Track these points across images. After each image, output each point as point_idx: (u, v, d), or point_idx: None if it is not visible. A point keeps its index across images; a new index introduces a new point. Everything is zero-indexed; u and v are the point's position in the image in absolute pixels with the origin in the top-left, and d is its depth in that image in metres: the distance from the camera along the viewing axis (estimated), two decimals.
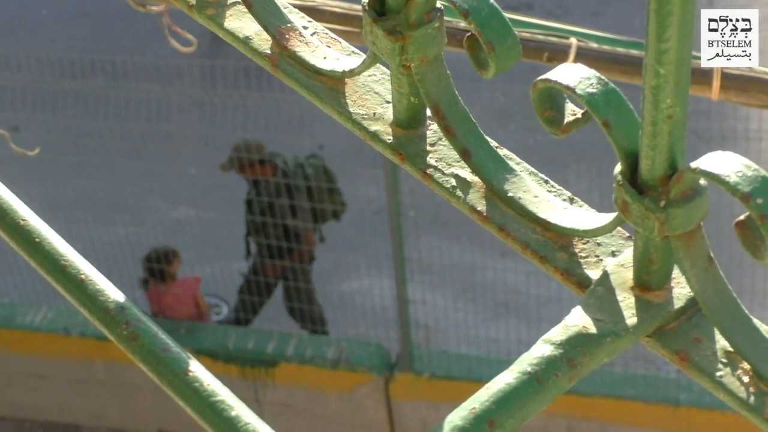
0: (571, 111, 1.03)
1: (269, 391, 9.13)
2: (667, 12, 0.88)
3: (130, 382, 8.80)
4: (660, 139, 0.94)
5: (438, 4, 1.07)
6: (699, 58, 3.72)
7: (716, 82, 3.40)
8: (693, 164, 0.94)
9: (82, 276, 1.10)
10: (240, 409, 0.98)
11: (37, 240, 1.13)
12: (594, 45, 3.57)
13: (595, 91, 0.98)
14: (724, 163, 0.92)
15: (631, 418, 8.37)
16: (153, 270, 9.17)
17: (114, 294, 1.10)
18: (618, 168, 0.98)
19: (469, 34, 1.04)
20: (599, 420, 8.50)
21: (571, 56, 3.46)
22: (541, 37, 3.60)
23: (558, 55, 3.51)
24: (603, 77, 0.99)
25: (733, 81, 3.44)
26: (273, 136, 9.37)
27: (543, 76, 1.00)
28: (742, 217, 0.93)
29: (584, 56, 3.47)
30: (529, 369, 0.98)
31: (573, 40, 3.52)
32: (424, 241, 8.79)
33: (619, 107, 0.98)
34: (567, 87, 0.98)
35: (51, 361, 8.92)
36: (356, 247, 9.88)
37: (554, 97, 1.03)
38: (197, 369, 1.03)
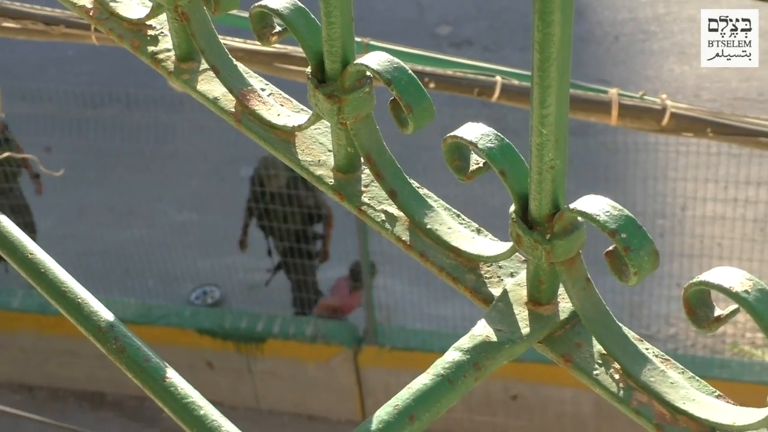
0: (475, 161, 1.04)
1: (259, 362, 9.11)
2: (546, 85, 0.89)
3: None
4: (545, 186, 0.95)
5: (367, 73, 1.07)
6: (602, 91, 3.71)
7: (614, 112, 3.39)
8: (571, 205, 0.95)
9: (79, 300, 1.10)
10: (207, 409, 0.99)
11: (42, 270, 1.13)
12: (516, 82, 3.56)
13: (493, 145, 0.99)
14: (596, 205, 0.93)
15: (558, 379, 8.38)
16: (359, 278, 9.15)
17: (105, 314, 1.10)
18: (512, 207, 0.99)
19: (392, 98, 1.04)
20: (530, 381, 8.51)
21: (497, 92, 3.45)
22: (471, 75, 3.59)
23: (486, 90, 3.50)
24: (499, 134, 1.01)
25: (628, 110, 3.42)
26: (262, 150, 9.34)
27: (451, 134, 1.01)
28: (610, 248, 0.94)
29: (507, 91, 3.46)
30: (442, 372, 0.99)
31: (498, 78, 3.51)
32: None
33: (512, 159, 0.99)
34: (470, 142, 0.99)
35: (80, 340, 8.83)
36: None
37: (461, 149, 1.04)
38: (173, 376, 1.03)
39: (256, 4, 1.12)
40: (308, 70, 1.11)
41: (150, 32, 1.33)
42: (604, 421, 8.55)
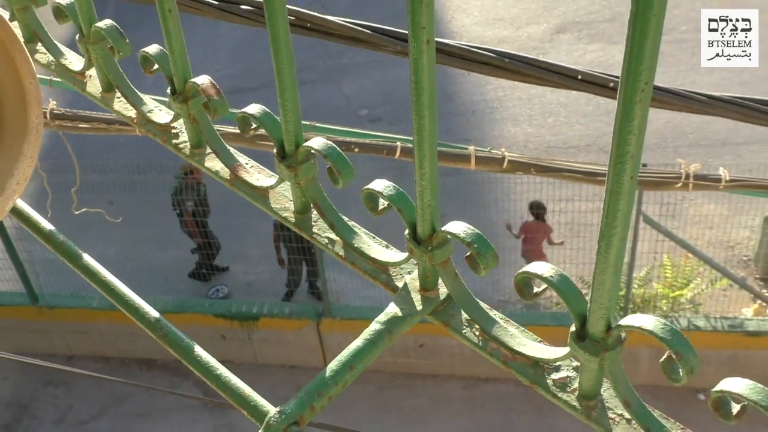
0: (382, 203, 1.03)
1: (256, 333, 9.02)
2: (422, 155, 0.90)
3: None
4: (425, 217, 0.96)
5: (312, 151, 1.07)
6: (464, 147, 3.74)
7: (473, 161, 3.42)
8: (443, 228, 0.95)
9: (137, 305, 1.10)
10: (222, 370, 0.99)
11: (112, 287, 1.12)
12: (410, 145, 3.58)
13: (393, 193, 0.99)
14: (458, 227, 0.94)
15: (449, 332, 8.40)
16: (537, 215, 8.84)
17: (153, 313, 1.10)
18: (406, 231, 0.99)
19: (328, 166, 1.04)
20: (432, 334, 8.53)
21: (398, 152, 3.46)
22: (382, 142, 3.61)
23: (392, 151, 3.50)
24: (397, 186, 1.00)
25: (482, 159, 3.43)
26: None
27: (366, 187, 1.01)
28: (468, 254, 0.94)
29: (405, 151, 3.47)
30: (368, 337, 0.99)
31: (398, 143, 3.52)
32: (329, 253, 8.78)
33: (405, 201, 0.99)
34: (379, 192, 0.99)
35: (138, 326, 8.76)
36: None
37: (373, 196, 1.03)
38: (199, 351, 1.03)
39: (240, 111, 1.12)
40: (274, 150, 1.11)
41: (173, 131, 1.32)
42: (478, 358, 8.60)
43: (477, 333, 0.99)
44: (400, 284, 1.07)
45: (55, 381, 9.51)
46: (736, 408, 0.78)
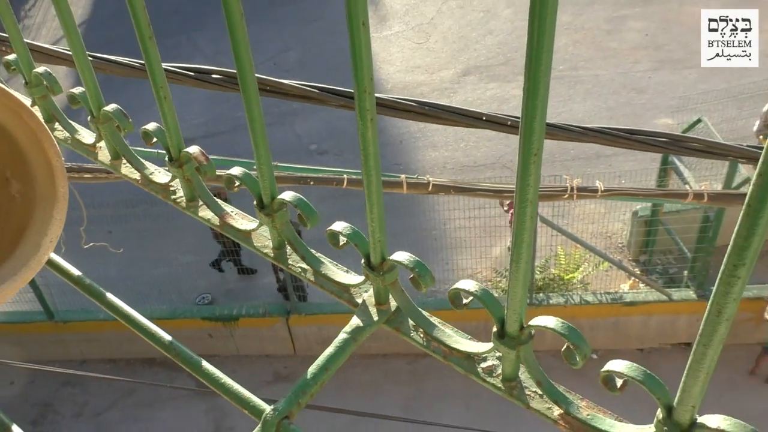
0: (342, 240, 1.02)
1: (237, 331, 8.91)
2: (372, 203, 0.92)
3: (178, 336, 8.61)
4: (376, 248, 0.96)
5: (284, 202, 1.08)
6: (397, 176, 3.77)
7: (405, 186, 3.46)
8: (390, 257, 0.96)
9: (152, 330, 1.10)
10: (226, 380, 0.98)
11: (130, 317, 1.12)
12: (354, 176, 3.58)
13: (350, 232, 0.99)
14: (402, 256, 0.95)
15: None
16: None
17: (167, 336, 1.09)
18: (362, 260, 1.00)
19: (298, 213, 1.04)
20: None
21: (345, 182, 3.47)
22: (331, 175, 3.61)
23: (340, 182, 3.51)
24: (353, 226, 0.99)
25: (411, 185, 3.47)
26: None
27: (329, 228, 1.00)
28: (411, 276, 0.95)
29: (350, 182, 3.47)
30: (338, 344, 0.99)
31: (345, 176, 3.53)
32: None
33: (360, 237, 0.99)
34: (339, 232, 1.00)
35: None
36: (266, 263, 9.73)
37: (335, 235, 1.02)
38: (206, 364, 1.03)
39: (227, 172, 1.12)
40: (255, 202, 1.12)
41: (171, 188, 1.32)
42: None
43: (422, 335, 1.00)
44: (359, 300, 1.07)
45: (72, 382, 9.28)
46: (619, 382, 0.80)
